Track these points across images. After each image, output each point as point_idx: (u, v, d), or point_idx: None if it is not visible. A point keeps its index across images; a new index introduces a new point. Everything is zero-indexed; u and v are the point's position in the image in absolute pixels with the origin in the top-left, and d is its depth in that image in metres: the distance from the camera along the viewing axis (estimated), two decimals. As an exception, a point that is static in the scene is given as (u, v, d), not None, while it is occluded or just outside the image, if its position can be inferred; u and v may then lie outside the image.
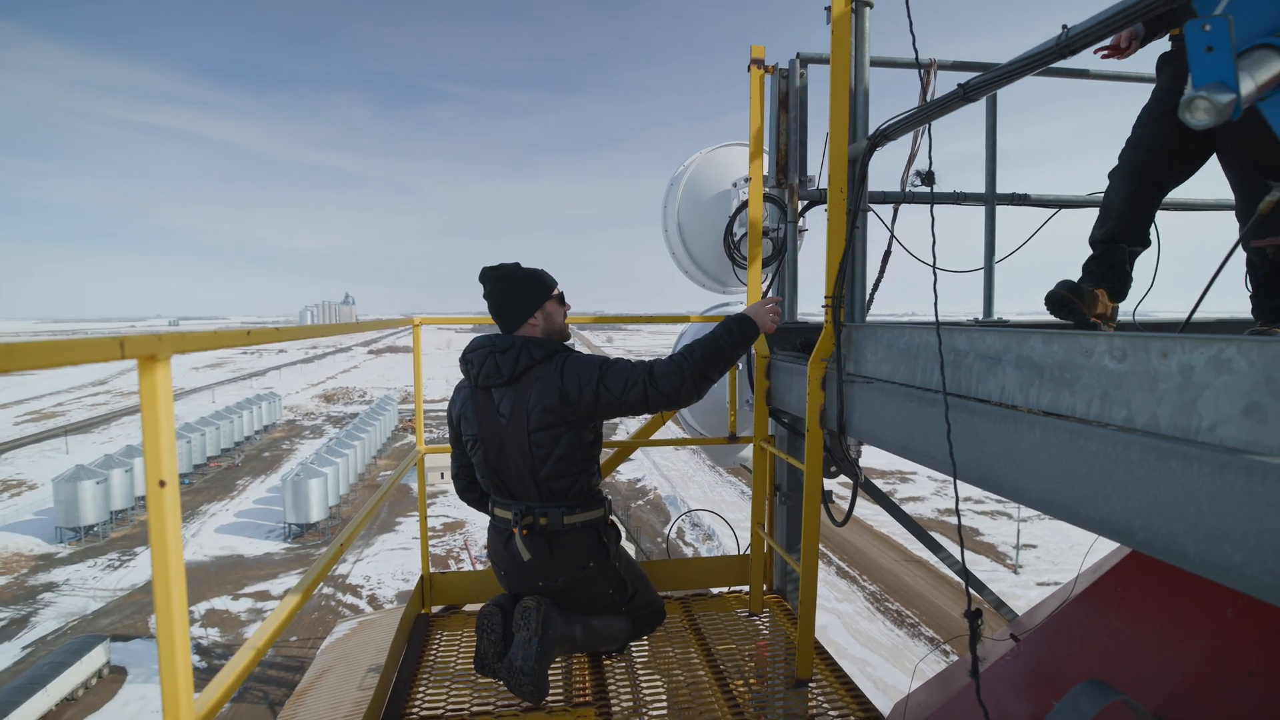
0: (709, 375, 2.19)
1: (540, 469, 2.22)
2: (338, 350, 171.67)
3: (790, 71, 2.98)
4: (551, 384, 2.19)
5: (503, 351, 2.24)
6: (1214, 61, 0.99)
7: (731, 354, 2.22)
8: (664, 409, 2.24)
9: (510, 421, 2.23)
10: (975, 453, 1.48)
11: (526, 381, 2.23)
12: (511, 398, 2.24)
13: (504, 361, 2.23)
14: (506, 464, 2.26)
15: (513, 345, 2.25)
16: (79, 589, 37.24)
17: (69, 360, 0.77)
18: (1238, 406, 0.96)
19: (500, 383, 2.24)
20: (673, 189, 4.00)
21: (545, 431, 2.20)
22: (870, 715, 2.22)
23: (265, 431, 71.08)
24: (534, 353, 2.24)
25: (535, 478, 2.23)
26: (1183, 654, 1.12)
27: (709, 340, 2.22)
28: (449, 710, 2.28)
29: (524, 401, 2.21)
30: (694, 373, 2.16)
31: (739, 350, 2.24)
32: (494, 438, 2.27)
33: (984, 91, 1.53)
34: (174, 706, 0.95)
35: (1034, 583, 31.88)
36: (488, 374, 2.25)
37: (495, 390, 2.28)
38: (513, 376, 2.23)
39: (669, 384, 2.15)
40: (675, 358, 2.19)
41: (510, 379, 2.23)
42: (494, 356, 2.25)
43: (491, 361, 2.25)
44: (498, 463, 2.28)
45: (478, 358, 2.29)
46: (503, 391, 2.26)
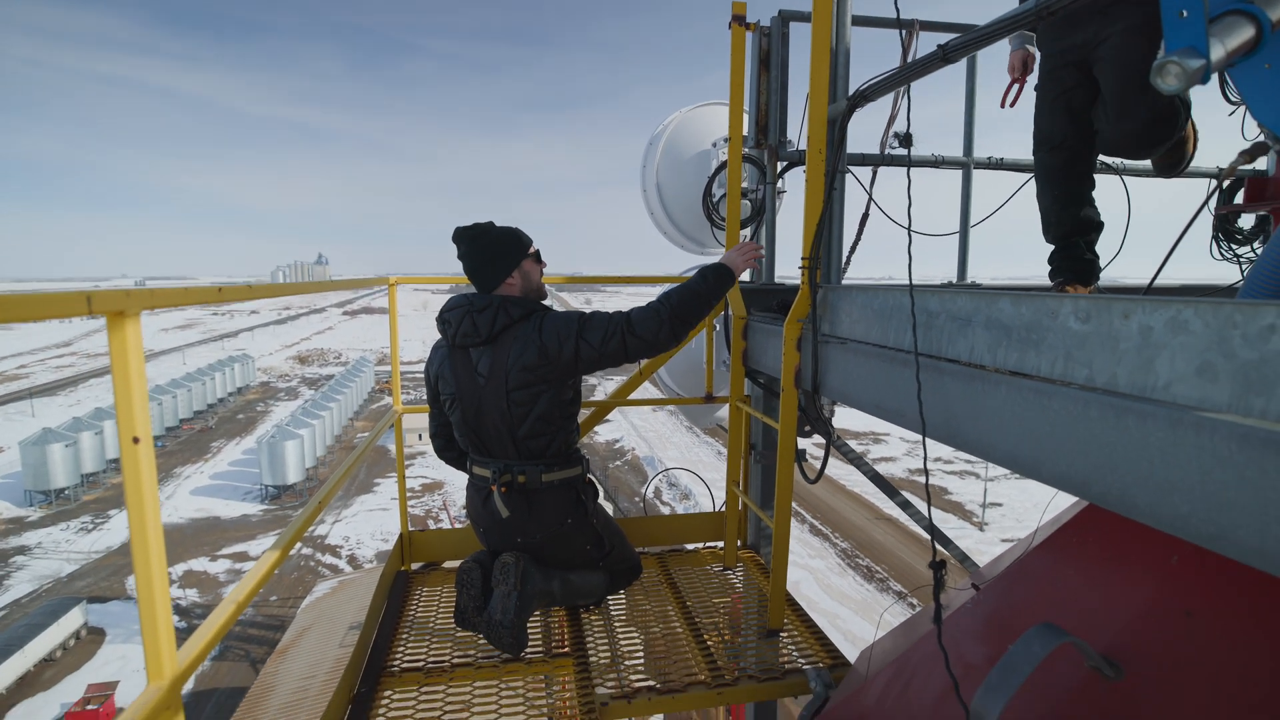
0: (686, 320, 2.20)
1: (519, 428, 2.24)
2: (312, 311, 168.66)
3: (772, 29, 2.92)
4: (530, 342, 2.19)
5: (480, 310, 2.23)
6: (1186, 26, 1.00)
7: (708, 299, 2.23)
8: (644, 355, 2.24)
9: (489, 381, 2.23)
10: (944, 411, 1.53)
11: (505, 341, 2.22)
12: (490, 357, 2.23)
13: (481, 321, 2.22)
14: (485, 423, 2.27)
15: (490, 304, 2.24)
16: (52, 552, 36.90)
17: (35, 315, 0.76)
18: (1192, 365, 1.00)
19: (478, 342, 2.24)
20: (652, 148, 3.94)
21: (524, 390, 2.20)
22: (838, 662, 2.32)
23: (239, 394, 70.10)
24: (512, 312, 2.24)
25: (514, 436, 2.25)
26: (1129, 599, 1.19)
27: (685, 287, 2.23)
28: (430, 663, 2.34)
29: (502, 360, 2.21)
30: (670, 317, 2.17)
31: (715, 296, 2.25)
32: (472, 397, 2.27)
33: (964, 53, 1.52)
34: (156, 657, 0.97)
35: (999, 539, 33.03)
36: (465, 333, 2.24)
37: (473, 350, 2.27)
38: (490, 336, 2.22)
39: (646, 329, 2.16)
40: (652, 304, 2.21)
41: (488, 338, 2.23)
42: (471, 316, 2.24)
43: (469, 321, 2.23)
44: (476, 422, 2.29)
45: (455, 317, 2.27)
46: (481, 351, 2.26)
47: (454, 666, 2.31)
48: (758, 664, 2.34)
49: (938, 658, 1.50)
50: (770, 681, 2.25)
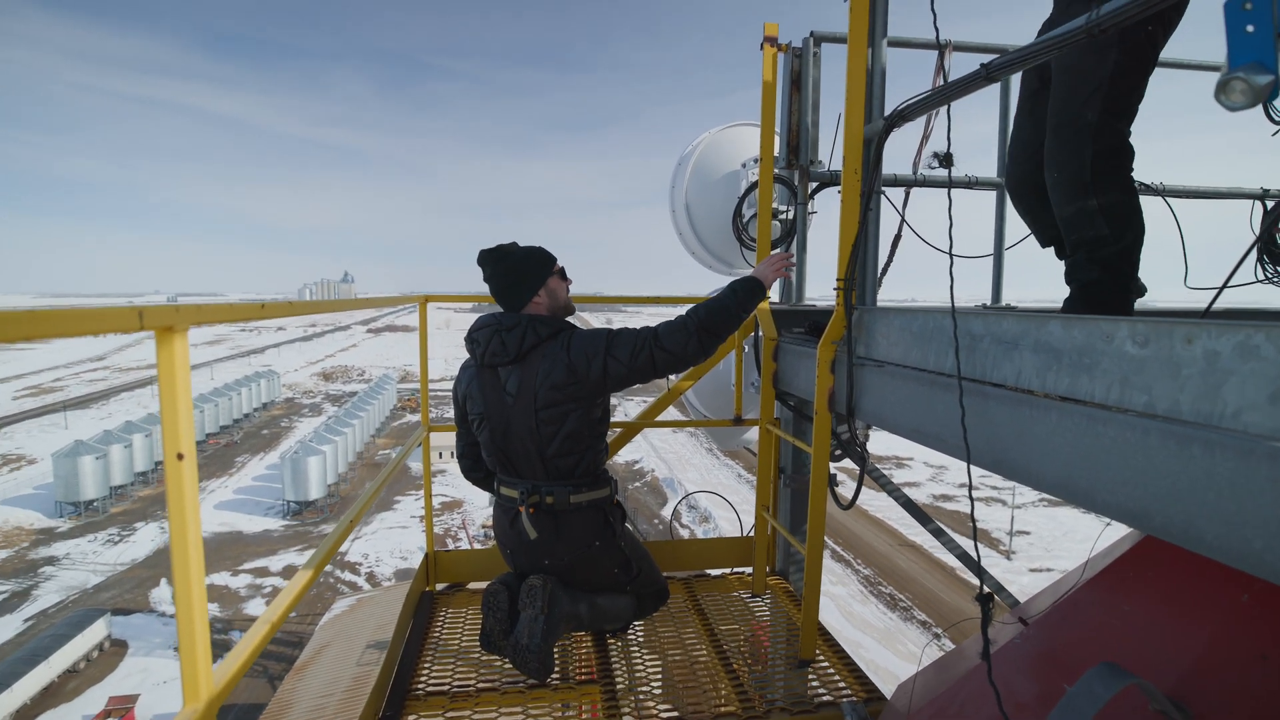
0: (715, 333, 2.20)
1: (547, 447, 2.23)
2: (336, 329, 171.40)
3: (804, 50, 2.93)
4: (559, 361, 2.18)
5: (508, 330, 2.24)
6: (1253, 41, 0.97)
7: (737, 314, 2.24)
8: (672, 370, 2.24)
9: (517, 400, 2.23)
10: (989, 437, 1.48)
11: (533, 359, 2.22)
12: (518, 376, 2.23)
13: (510, 339, 2.22)
14: (513, 443, 2.26)
15: (518, 323, 2.24)
16: (79, 563, 37.52)
17: (89, 330, 0.76)
18: (1264, 393, 0.96)
19: (506, 361, 2.24)
20: (681, 168, 3.96)
21: (553, 409, 2.20)
22: (873, 696, 2.24)
23: (264, 409, 71.23)
24: (540, 330, 2.24)
25: (542, 456, 2.24)
26: (1196, 638, 1.13)
27: (714, 300, 2.24)
28: (455, 686, 2.30)
29: (531, 380, 2.21)
30: (699, 329, 2.17)
31: (745, 310, 2.26)
32: (500, 416, 2.27)
33: (1008, 71, 1.50)
34: (193, 676, 0.96)
35: (1026, 569, 32.22)
36: (494, 352, 2.24)
37: (502, 369, 2.27)
38: (519, 354, 2.22)
39: (674, 342, 2.16)
40: (680, 318, 2.22)
41: (516, 357, 2.22)
42: (500, 335, 2.24)
43: (498, 340, 2.23)
44: (504, 441, 2.28)
45: (483, 336, 2.27)
46: (509, 370, 2.25)
47: (479, 691, 2.27)
48: (789, 696, 2.27)
49: (985, 696, 1.43)
50: (802, 714, 2.17)
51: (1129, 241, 1.87)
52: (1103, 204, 1.84)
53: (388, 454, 54.93)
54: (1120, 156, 1.86)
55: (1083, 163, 1.85)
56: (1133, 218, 1.88)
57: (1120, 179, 1.87)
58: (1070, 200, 1.90)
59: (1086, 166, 1.84)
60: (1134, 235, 1.87)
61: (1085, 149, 1.84)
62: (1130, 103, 1.85)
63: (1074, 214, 1.90)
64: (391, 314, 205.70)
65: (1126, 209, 1.86)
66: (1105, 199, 1.84)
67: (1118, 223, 1.85)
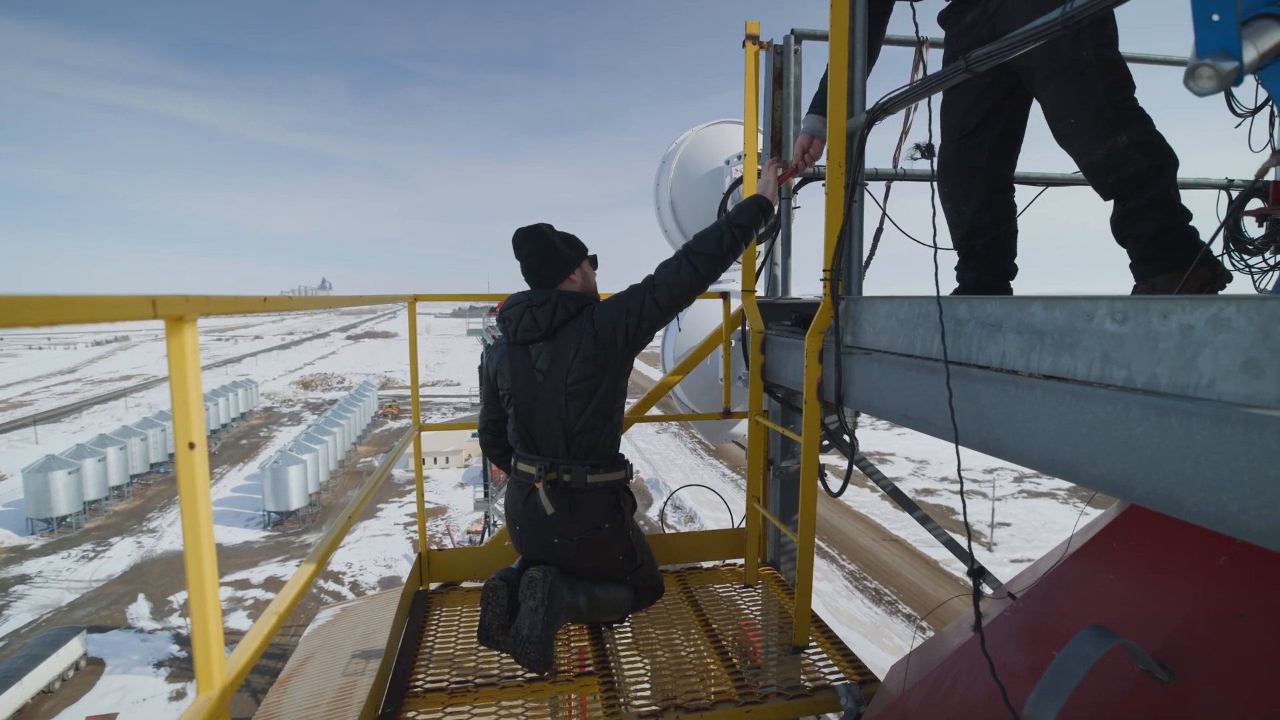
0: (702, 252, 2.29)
1: (575, 422, 2.28)
2: (315, 336, 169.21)
3: (785, 48, 2.98)
4: (586, 333, 2.26)
5: (539, 305, 2.30)
6: (1218, 29, 1.02)
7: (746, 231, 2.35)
8: (693, 296, 2.33)
9: (548, 377, 2.29)
10: (976, 417, 1.53)
11: (564, 335, 2.29)
12: (549, 353, 2.30)
13: (541, 315, 2.28)
14: (537, 419, 2.32)
15: (548, 299, 2.31)
16: (53, 581, 36.64)
17: (106, 316, 0.77)
18: (1236, 362, 1.01)
19: (538, 337, 2.29)
20: (665, 166, 3.99)
21: (585, 382, 2.26)
22: (867, 678, 2.29)
23: (242, 419, 70.14)
24: (570, 306, 2.30)
25: (567, 432, 2.29)
26: (1178, 601, 1.18)
27: (716, 225, 2.33)
28: (453, 683, 2.31)
29: (563, 355, 2.27)
30: (686, 253, 2.30)
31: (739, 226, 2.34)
32: (528, 393, 2.32)
33: (987, 64, 1.55)
34: (207, 665, 0.96)
35: (1008, 559, 32.68)
36: (525, 328, 2.30)
37: (533, 346, 2.33)
38: (550, 330, 2.28)
39: (666, 275, 2.28)
40: (679, 256, 2.32)
41: (548, 332, 2.29)
42: (531, 311, 2.30)
43: (529, 316, 2.29)
44: (528, 418, 2.34)
45: (515, 313, 2.33)
46: (540, 347, 2.32)
47: (478, 686, 2.28)
48: (784, 681, 2.31)
49: (977, 668, 1.48)
50: (799, 699, 2.21)
51: (1172, 171, 1.82)
52: (1133, 137, 1.80)
53: (370, 462, 54.30)
54: (1128, 87, 1.84)
55: (1099, 101, 1.82)
56: (1164, 144, 1.83)
57: (1138, 109, 1.83)
58: (1099, 142, 1.84)
59: (1105, 103, 1.81)
60: (1174, 162, 1.82)
61: (1096, 86, 1.82)
62: (1111, 31, 1.87)
63: (1106, 155, 1.83)
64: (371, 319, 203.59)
65: (1156, 137, 1.82)
66: (1133, 132, 1.80)
67: (1154, 151, 1.80)
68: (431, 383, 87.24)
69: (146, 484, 51.55)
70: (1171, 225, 1.82)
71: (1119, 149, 1.82)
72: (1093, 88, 1.83)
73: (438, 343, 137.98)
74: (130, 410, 72.60)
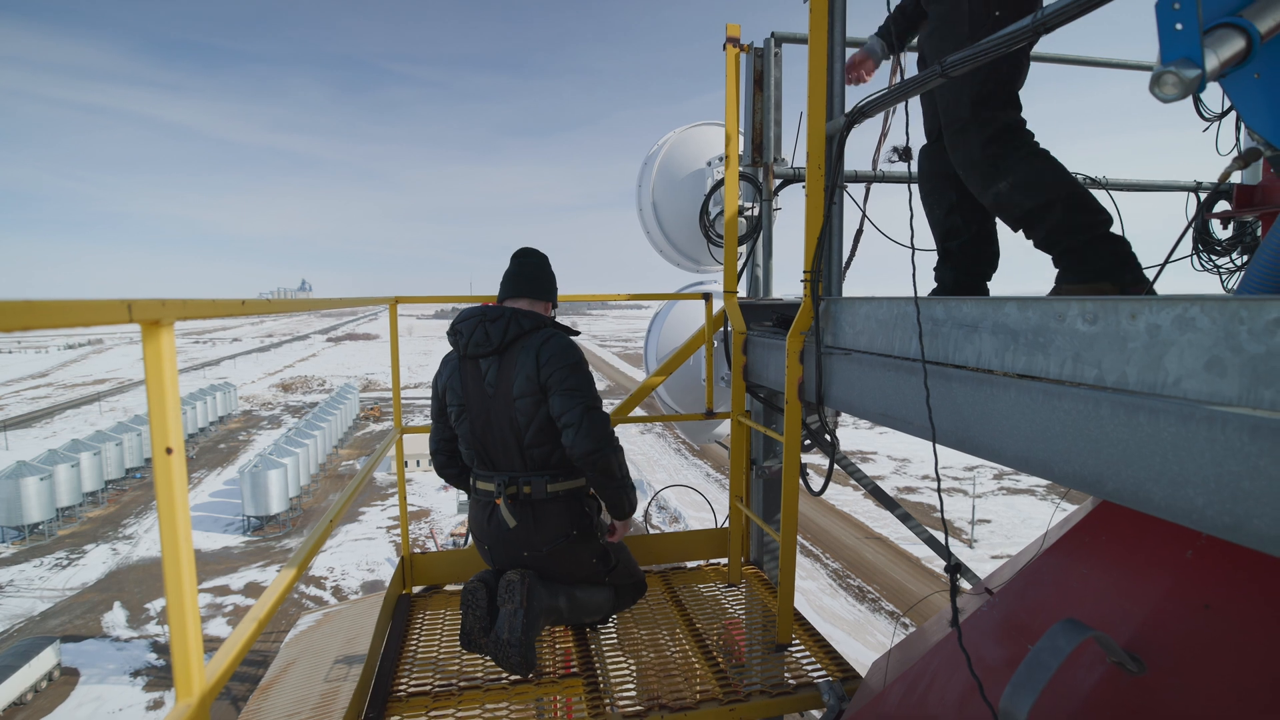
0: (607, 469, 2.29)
1: (524, 435, 2.28)
2: (295, 338, 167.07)
3: (765, 51, 3.00)
4: (531, 358, 2.27)
5: (493, 320, 2.31)
6: (1181, 38, 1.05)
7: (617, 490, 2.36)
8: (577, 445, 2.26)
9: (497, 390, 2.29)
10: (953, 416, 1.55)
11: (513, 351, 2.30)
12: (498, 367, 2.30)
13: (494, 330, 2.29)
14: (492, 433, 2.31)
15: (502, 315, 2.32)
16: (25, 590, 35.82)
17: (81, 321, 0.76)
18: (1200, 361, 1.04)
19: (489, 351, 2.30)
20: (647, 168, 4.00)
21: (527, 399, 2.26)
22: (849, 675, 2.31)
23: (220, 423, 69.10)
24: (523, 323, 2.32)
25: (520, 445, 2.29)
26: (1147, 594, 1.21)
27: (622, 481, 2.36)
28: (437, 687, 2.30)
29: (509, 370, 2.28)
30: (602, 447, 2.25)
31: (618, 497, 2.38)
32: (481, 407, 2.32)
33: (961, 68, 1.58)
34: (185, 671, 0.96)
35: (988, 555, 33.14)
36: (477, 342, 2.30)
37: (483, 360, 2.33)
38: (501, 345, 2.29)
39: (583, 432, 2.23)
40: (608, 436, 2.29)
41: (499, 347, 2.29)
42: (484, 325, 2.31)
43: (481, 330, 2.30)
44: (483, 432, 2.33)
45: (467, 327, 2.34)
46: (490, 361, 2.32)
47: (461, 690, 2.27)
48: (768, 679, 2.32)
49: (955, 663, 1.50)
50: (782, 696, 2.23)
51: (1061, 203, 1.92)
52: (1014, 181, 1.96)
53: (352, 465, 53.76)
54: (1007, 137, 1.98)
55: (974, 156, 2.00)
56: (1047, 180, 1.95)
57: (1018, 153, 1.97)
58: (984, 190, 2.03)
59: (980, 159, 1.99)
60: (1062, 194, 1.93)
61: (972, 142, 2.00)
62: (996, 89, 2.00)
63: (994, 200, 2.03)
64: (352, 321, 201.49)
65: (1037, 174, 1.95)
66: (1013, 176, 1.96)
67: (1035, 190, 1.94)
68: (414, 384, 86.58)
69: (122, 489, 50.59)
70: (1072, 244, 1.95)
71: (1002, 194, 2.00)
72: (969, 143, 2.02)
73: (420, 344, 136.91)
74: (104, 415, 71.22)
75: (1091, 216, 1.94)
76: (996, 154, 1.99)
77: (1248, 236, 3.08)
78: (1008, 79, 2.04)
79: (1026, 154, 1.98)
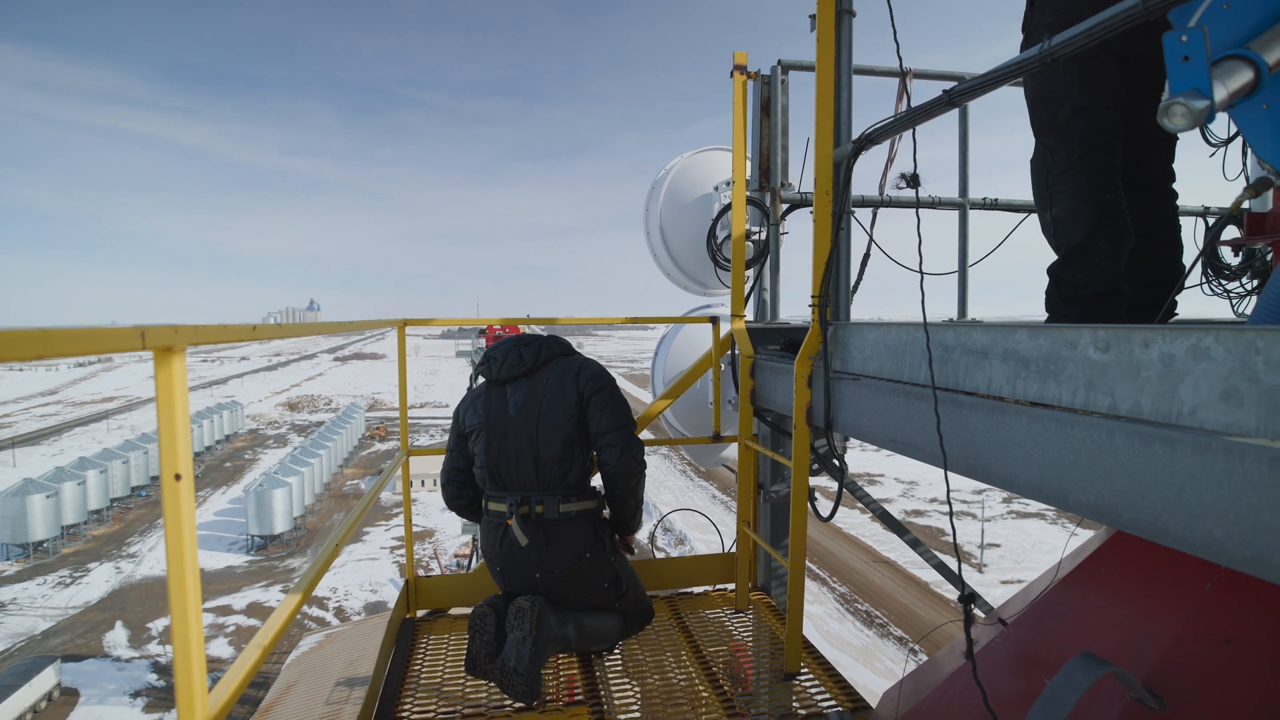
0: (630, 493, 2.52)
1: (545, 451, 2.33)
2: (303, 357, 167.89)
3: (772, 78, 3.04)
4: (569, 375, 2.41)
5: (526, 344, 2.46)
6: (1190, 70, 1.06)
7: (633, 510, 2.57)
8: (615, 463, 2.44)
9: (521, 409, 2.37)
10: (964, 443, 1.54)
11: (544, 371, 2.44)
12: (526, 388, 2.41)
13: (527, 353, 2.44)
14: (508, 453, 2.34)
15: (536, 339, 2.48)
16: (27, 608, 35.66)
17: (93, 350, 0.77)
18: (1216, 391, 1.03)
19: (520, 373, 2.41)
20: (654, 193, 4.03)
21: (559, 415, 2.35)
22: (859, 705, 2.27)
23: (227, 441, 69.20)
24: (554, 347, 2.49)
25: (538, 460, 2.33)
26: (1165, 628, 1.18)
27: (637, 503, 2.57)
28: (440, 713, 2.27)
29: (539, 387, 2.39)
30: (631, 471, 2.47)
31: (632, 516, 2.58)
32: (499, 427, 2.38)
33: (968, 97, 1.59)
34: (189, 700, 0.94)
35: (998, 580, 32.62)
36: (511, 364, 2.42)
37: (510, 385, 2.44)
38: (533, 366, 2.42)
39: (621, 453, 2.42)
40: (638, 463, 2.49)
41: (530, 369, 2.42)
42: (518, 349, 2.45)
43: (515, 353, 2.44)
44: (498, 452, 2.36)
45: (500, 352, 2.46)
46: (518, 385, 2.42)
47: (465, 716, 2.24)
48: (776, 709, 2.28)
49: (969, 695, 1.47)
50: (790, 726, 2.19)
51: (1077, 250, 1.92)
52: (1056, 215, 1.95)
53: (357, 484, 53.64)
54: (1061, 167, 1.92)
55: (1041, 180, 1.98)
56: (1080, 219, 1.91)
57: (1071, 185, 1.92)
58: (1041, 212, 2.02)
59: (1043, 183, 1.97)
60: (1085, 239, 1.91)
61: (1040, 166, 1.97)
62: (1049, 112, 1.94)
63: (1044, 225, 2.02)
64: (359, 341, 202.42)
65: (1076, 214, 1.91)
66: (1057, 209, 1.94)
67: (1069, 230, 1.92)
68: (420, 404, 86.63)
69: (127, 508, 50.56)
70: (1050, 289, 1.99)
71: (1047, 224, 2.00)
72: (1038, 166, 2.00)
73: (426, 364, 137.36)
74: (112, 432, 71.49)
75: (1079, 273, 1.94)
76: (1056, 179, 1.93)
77: (1257, 261, 3.08)
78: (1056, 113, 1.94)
79: (1078, 185, 1.91)
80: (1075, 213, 1.90)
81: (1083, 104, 1.87)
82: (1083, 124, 1.87)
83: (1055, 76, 1.89)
